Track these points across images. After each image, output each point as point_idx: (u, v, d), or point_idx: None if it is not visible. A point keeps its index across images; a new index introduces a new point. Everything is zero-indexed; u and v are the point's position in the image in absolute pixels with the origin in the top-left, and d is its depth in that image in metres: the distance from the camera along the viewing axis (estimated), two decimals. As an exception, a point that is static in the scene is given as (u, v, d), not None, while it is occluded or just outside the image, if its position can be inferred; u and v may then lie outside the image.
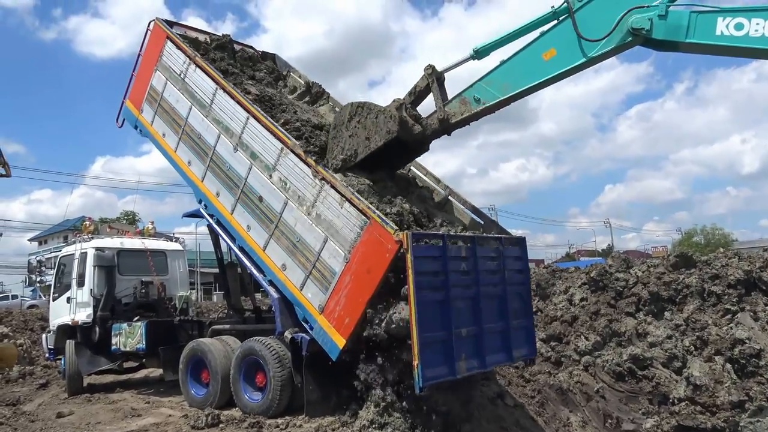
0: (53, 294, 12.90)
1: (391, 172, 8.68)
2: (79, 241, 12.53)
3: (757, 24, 5.67)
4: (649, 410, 9.49)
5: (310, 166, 7.59)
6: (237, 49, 11.43)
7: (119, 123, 11.20)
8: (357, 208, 6.94)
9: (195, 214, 9.99)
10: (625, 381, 9.98)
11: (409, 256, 6.28)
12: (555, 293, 13.48)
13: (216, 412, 8.26)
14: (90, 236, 12.73)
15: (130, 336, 11.00)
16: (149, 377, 13.08)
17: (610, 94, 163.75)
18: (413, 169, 9.40)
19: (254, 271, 8.51)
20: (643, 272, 12.53)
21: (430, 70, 7.54)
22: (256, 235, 8.30)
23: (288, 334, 7.85)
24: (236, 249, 8.83)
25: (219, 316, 15.48)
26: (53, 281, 13.04)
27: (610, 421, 9.63)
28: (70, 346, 11.61)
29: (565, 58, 6.62)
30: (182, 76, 9.60)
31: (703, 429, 8.79)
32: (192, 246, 44.66)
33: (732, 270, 11.52)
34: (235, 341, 9.25)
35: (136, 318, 11.40)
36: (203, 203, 9.35)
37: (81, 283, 11.95)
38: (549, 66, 6.71)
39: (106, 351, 11.49)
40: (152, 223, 14.41)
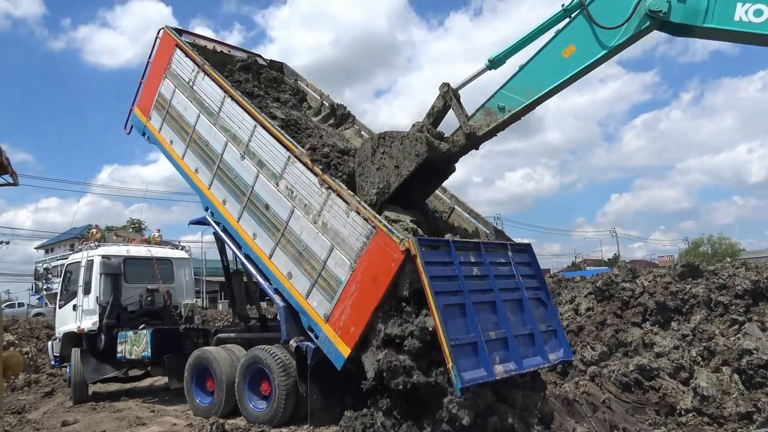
0: (59, 301, 12.94)
1: (423, 201, 8.57)
2: (86, 249, 12.59)
3: None
4: (656, 421, 9.41)
5: (316, 175, 7.59)
6: (261, 69, 11.30)
7: (127, 130, 11.25)
8: (363, 217, 6.94)
9: (201, 222, 10.01)
10: (632, 392, 9.91)
11: (419, 262, 6.26)
12: (561, 303, 13.43)
13: (221, 420, 8.25)
14: (96, 244, 12.78)
15: (135, 344, 11.02)
16: (154, 386, 13.09)
17: (616, 103, 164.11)
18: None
19: (260, 279, 8.52)
20: (649, 282, 12.48)
21: (446, 88, 7.42)
22: (262, 243, 8.31)
23: (293, 343, 7.85)
24: (242, 257, 8.85)
25: (224, 325, 15.47)
26: (59, 289, 13.08)
27: (616, 431, 9.56)
28: (75, 354, 11.63)
29: (585, 53, 6.55)
30: (191, 83, 9.65)
31: (710, 440, 8.71)
32: (198, 254, 44.78)
33: (739, 280, 11.46)
34: (240, 350, 9.26)
35: (142, 326, 11.42)
36: (210, 211, 9.37)
37: (87, 291, 12.00)
38: (570, 63, 6.63)
39: (111, 359, 11.50)
40: (158, 231, 14.46)
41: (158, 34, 10.62)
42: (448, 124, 7.67)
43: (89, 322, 11.75)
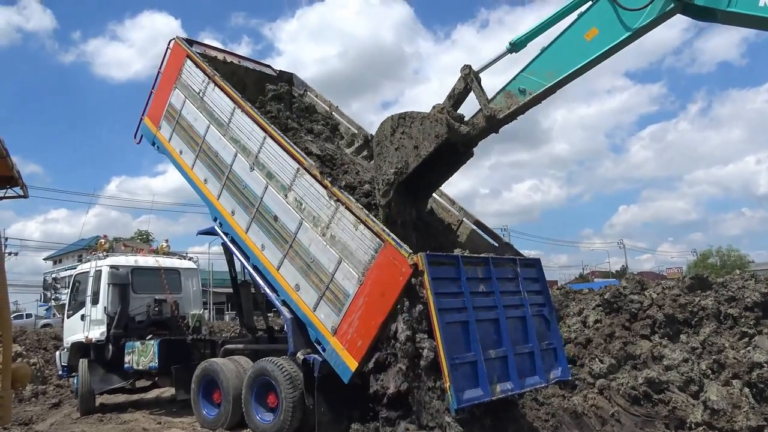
0: (68, 311, 12.98)
1: (438, 186, 8.56)
2: (94, 259, 12.65)
3: None
4: (665, 435, 9.34)
5: (325, 187, 7.61)
6: (294, 99, 11.08)
7: (137, 139, 11.32)
8: (371, 231, 6.95)
9: (210, 232, 10.05)
10: (641, 405, 9.83)
11: (426, 278, 6.26)
12: (569, 315, 13.35)
13: (228, 432, 8.24)
14: (105, 254, 12.84)
15: (143, 354, 11.03)
16: (161, 397, 13.08)
17: (624, 114, 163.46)
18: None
19: (267, 290, 8.53)
20: (658, 294, 12.40)
21: (468, 70, 7.36)
22: (270, 255, 8.33)
23: (300, 355, 7.84)
24: (250, 268, 8.87)
25: (231, 336, 15.48)
26: (68, 299, 13.13)
27: (625, 445, 9.48)
28: (83, 364, 11.66)
29: (608, 36, 6.52)
30: (201, 94, 9.71)
31: (721, 455, 8.63)
32: (205, 265, 44.88)
33: (749, 292, 11.37)
34: (247, 361, 9.25)
35: (149, 336, 11.44)
36: (218, 221, 9.41)
37: (95, 301, 12.04)
38: (593, 46, 6.61)
39: (119, 369, 11.53)
40: (167, 241, 14.51)
41: (169, 44, 10.71)
42: (466, 108, 7.61)
43: (97, 332, 11.79)
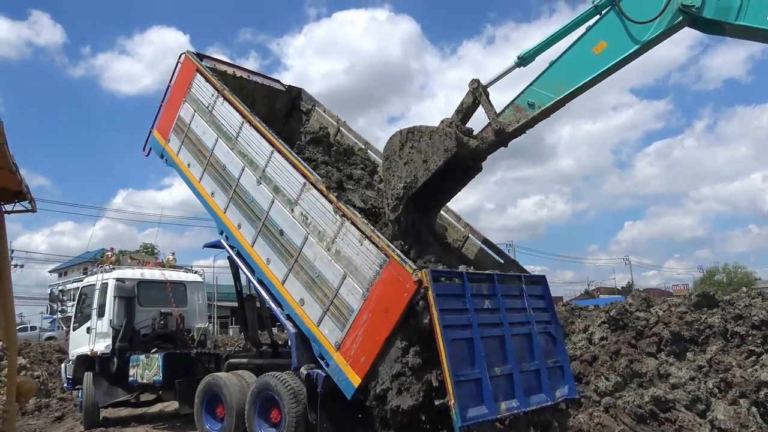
0: (73, 324, 13.02)
1: (446, 202, 8.51)
2: (101, 272, 12.70)
3: None
4: (672, 455, 9.25)
5: (331, 202, 7.63)
6: (332, 143, 10.66)
7: (146, 152, 11.38)
8: (377, 246, 6.95)
9: (216, 245, 10.08)
10: (647, 423, 9.74)
11: (431, 295, 6.25)
12: (574, 332, 13.30)
13: (231, 447, 8.21)
14: (111, 267, 12.89)
15: (147, 368, 11.03)
16: (164, 411, 13.06)
17: (629, 131, 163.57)
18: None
19: (272, 304, 8.54)
20: (664, 311, 12.35)
21: (476, 84, 7.34)
22: (276, 269, 8.34)
23: (303, 370, 7.82)
24: (255, 281, 8.88)
25: (236, 350, 15.46)
26: (74, 311, 13.17)
27: (631, 465, 9.39)
28: (88, 378, 11.67)
29: (617, 49, 6.53)
30: (210, 108, 9.78)
31: (728, 476, 8.53)
32: (210, 279, 44.91)
33: (756, 310, 11.31)
34: (251, 376, 9.23)
35: (154, 350, 11.45)
36: (224, 234, 9.43)
37: (101, 314, 12.08)
38: (602, 59, 6.61)
39: (123, 382, 11.53)
40: (173, 254, 14.59)
41: (179, 58, 10.81)
42: (474, 123, 7.56)
43: (102, 345, 11.81)
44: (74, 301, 13.43)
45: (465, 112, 7.43)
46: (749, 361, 10.52)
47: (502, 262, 8.66)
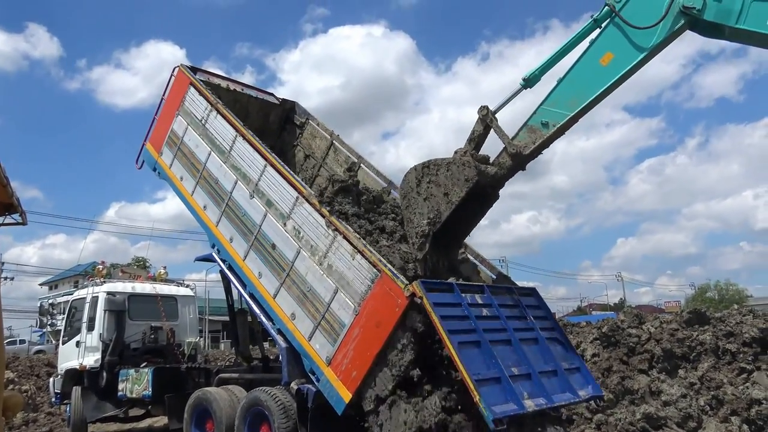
0: (63, 337, 12.92)
1: (467, 234, 8.27)
2: (91, 285, 12.62)
3: None
4: (664, 472, 9.22)
5: (324, 216, 7.63)
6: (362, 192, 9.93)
7: (138, 164, 11.37)
8: (368, 261, 6.94)
9: (207, 259, 10.05)
10: (639, 441, 9.73)
11: (426, 303, 6.22)
12: (566, 348, 13.28)
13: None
14: (102, 280, 12.82)
15: (137, 382, 10.94)
16: (153, 426, 12.93)
17: (623, 148, 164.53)
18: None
19: (263, 318, 8.50)
20: (656, 328, 12.35)
21: (486, 111, 7.26)
22: (267, 283, 8.32)
23: (294, 385, 7.78)
24: (246, 295, 8.84)
25: (226, 364, 15.36)
26: (64, 324, 13.07)
27: (623, 482, 9.35)
28: (76, 392, 11.55)
29: (624, 58, 6.54)
30: (203, 121, 9.79)
31: (720, 494, 8.51)
32: (201, 293, 44.68)
33: (747, 327, 11.33)
34: (241, 391, 9.17)
35: (144, 364, 11.35)
36: (216, 248, 9.41)
37: (91, 327, 11.99)
38: (610, 70, 6.61)
39: (112, 397, 11.41)
40: (164, 268, 14.52)
41: (173, 72, 10.83)
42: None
43: (91, 359, 11.71)
44: (64, 314, 13.34)
45: (477, 140, 7.33)
46: (740, 379, 10.52)
47: (494, 277, 8.68)
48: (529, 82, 7.26)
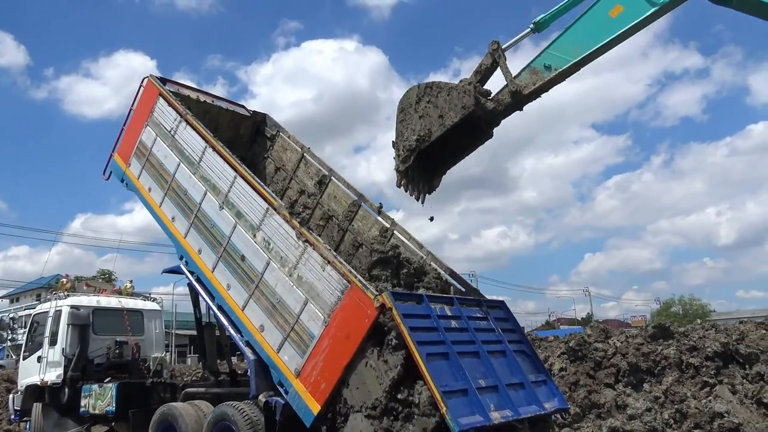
0: (24, 353, 12.56)
1: (452, 166, 8.21)
2: (55, 299, 12.33)
3: None
4: (629, 485, 9.32)
5: (294, 228, 7.62)
6: None
7: (106, 176, 11.21)
8: (338, 272, 6.95)
9: (175, 270, 9.89)
10: (605, 454, 9.84)
11: (396, 313, 6.25)
12: (535, 362, 13.40)
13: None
14: (66, 294, 12.54)
15: (100, 398, 10.68)
16: (117, 442, 12.60)
17: (590, 165, 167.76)
18: (396, 234, 9.51)
19: (232, 331, 8.39)
20: (621, 342, 12.56)
21: (496, 45, 7.23)
22: (236, 295, 8.23)
23: (262, 398, 7.68)
24: (215, 307, 8.72)
25: (193, 379, 15.09)
26: (25, 339, 12.72)
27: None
28: (36, 408, 11.24)
29: (633, 12, 6.57)
30: (172, 132, 9.71)
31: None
32: (169, 306, 43.94)
33: (709, 342, 11.61)
34: (208, 406, 9.00)
35: (108, 379, 11.10)
36: (184, 260, 9.28)
37: (53, 342, 11.68)
38: (618, 22, 6.64)
39: (74, 413, 11.12)
40: (131, 281, 14.25)
41: (142, 82, 10.73)
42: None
43: (53, 375, 11.40)
44: (25, 328, 12.99)
45: (483, 73, 7.31)
46: (703, 392, 10.75)
47: (464, 290, 8.74)
48: (539, 26, 7.29)
